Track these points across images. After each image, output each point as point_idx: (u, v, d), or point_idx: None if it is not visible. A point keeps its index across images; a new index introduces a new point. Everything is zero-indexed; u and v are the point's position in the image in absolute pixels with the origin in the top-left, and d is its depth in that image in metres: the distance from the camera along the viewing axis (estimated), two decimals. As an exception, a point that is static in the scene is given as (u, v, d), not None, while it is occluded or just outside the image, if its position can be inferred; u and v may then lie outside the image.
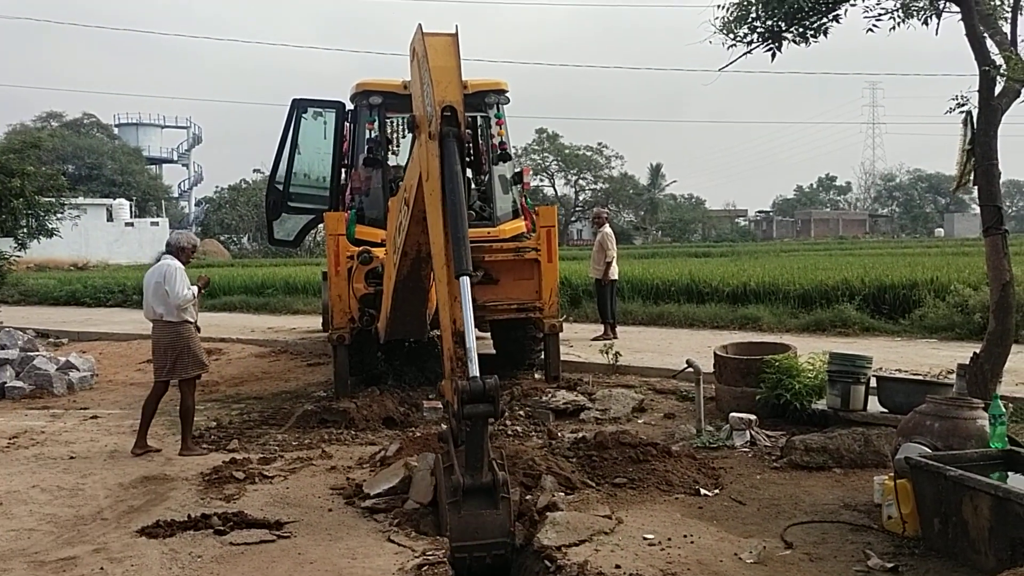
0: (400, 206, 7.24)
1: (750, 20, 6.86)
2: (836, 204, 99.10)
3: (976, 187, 6.49)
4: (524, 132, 72.94)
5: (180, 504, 6.01)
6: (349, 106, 10.87)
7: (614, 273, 13.54)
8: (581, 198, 72.10)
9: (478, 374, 4.89)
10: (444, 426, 5.76)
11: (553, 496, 5.56)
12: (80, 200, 46.64)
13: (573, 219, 71.33)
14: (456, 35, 5.96)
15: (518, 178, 10.98)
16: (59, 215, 26.25)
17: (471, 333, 5.12)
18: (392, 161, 10.99)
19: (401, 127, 11.41)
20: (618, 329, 13.55)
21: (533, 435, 8.02)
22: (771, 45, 6.88)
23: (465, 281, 5.26)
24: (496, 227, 10.31)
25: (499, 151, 10.41)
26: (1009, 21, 6.42)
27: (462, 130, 5.73)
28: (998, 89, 6.24)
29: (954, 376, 6.91)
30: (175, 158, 79.91)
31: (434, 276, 6.02)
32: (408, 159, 7.56)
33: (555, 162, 71.38)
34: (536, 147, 70.00)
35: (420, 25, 6.04)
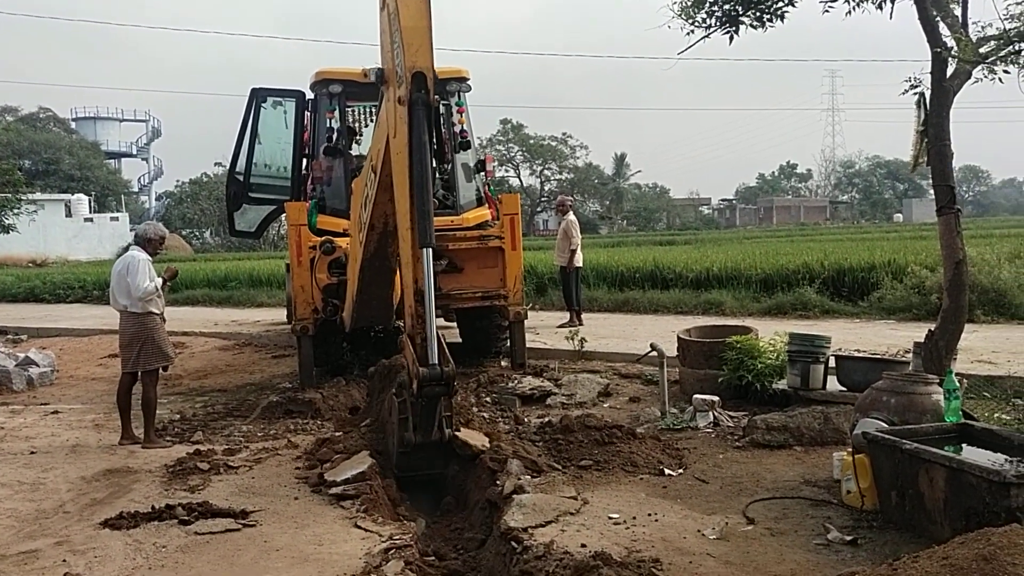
0: (367, 176, 7.28)
1: (708, 4, 6.92)
2: (797, 191, 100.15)
3: (930, 168, 6.61)
4: (488, 122, 72.94)
5: (144, 496, 5.96)
6: (309, 95, 10.79)
7: (579, 260, 13.59)
8: (546, 188, 72.17)
9: (437, 361, 5.56)
10: (404, 376, 6.01)
11: (519, 479, 5.59)
12: (37, 196, 45.86)
13: (539, 209, 71.40)
14: None
15: (481, 166, 10.97)
16: (16, 211, 25.80)
17: (431, 302, 5.67)
18: (354, 151, 10.94)
19: (363, 116, 11.36)
20: (584, 316, 13.62)
21: (500, 421, 8.05)
22: (729, 29, 6.94)
23: (428, 252, 5.72)
24: (459, 215, 10.30)
25: (461, 139, 10.40)
26: (960, 4, 6.53)
27: (431, 96, 5.82)
28: (950, 71, 6.36)
29: (910, 354, 7.06)
30: (134, 152, 78.79)
31: (398, 233, 6.26)
32: (374, 130, 7.50)
33: (520, 153, 71.36)
34: (501, 138, 69.97)
35: None
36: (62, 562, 4.78)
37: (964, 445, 5.13)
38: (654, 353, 7.95)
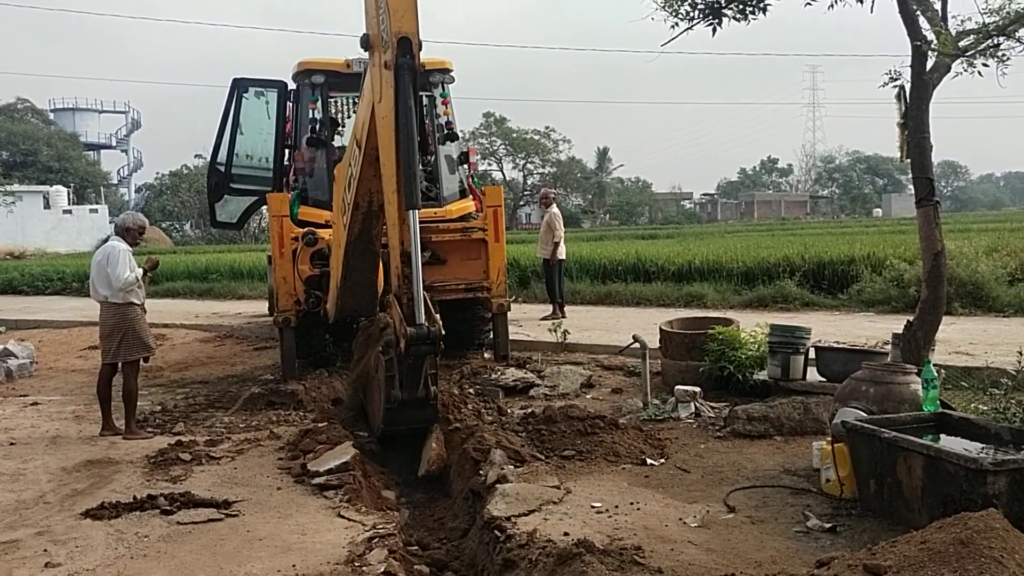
0: (351, 154, 7.34)
1: (690, -4, 6.94)
2: (778, 186, 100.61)
3: (909, 161, 6.66)
4: (471, 116, 72.74)
5: (125, 486, 5.93)
6: (292, 86, 10.73)
7: (562, 253, 13.61)
8: (529, 182, 72.15)
9: (424, 321, 5.82)
10: (391, 335, 6.23)
11: (503, 469, 5.61)
12: (15, 187, 45.46)
13: (522, 203, 71.39)
14: None
15: (464, 158, 10.97)
16: (-7, 202, 25.39)
17: (418, 263, 5.90)
18: (336, 142, 10.89)
19: (345, 107, 11.31)
20: (566, 308, 13.65)
21: (483, 412, 8.05)
22: (712, 21, 6.96)
23: (414, 213, 5.93)
24: (443, 207, 10.29)
25: (445, 131, 10.39)
26: (940, -2, 6.58)
27: (417, 61, 5.99)
28: (930, 64, 6.41)
29: (889, 346, 7.13)
30: (114, 144, 78.00)
31: (384, 197, 6.43)
32: (359, 105, 7.55)
33: (503, 146, 71.26)
34: (484, 131, 69.84)
35: None
36: (43, 552, 4.75)
37: (942, 434, 5.20)
38: (636, 345, 7.98)
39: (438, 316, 6.11)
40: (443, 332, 6.00)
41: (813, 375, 7.45)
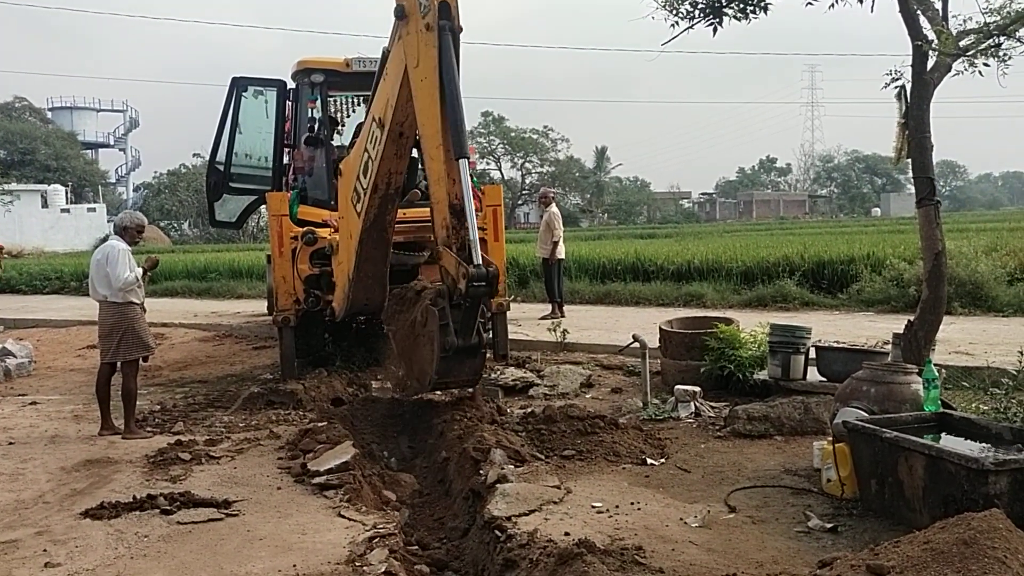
0: (368, 136, 7.58)
1: (692, -5, 6.93)
2: (777, 186, 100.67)
3: (910, 160, 6.66)
4: (470, 114, 72.53)
5: (125, 486, 5.92)
6: (291, 85, 10.71)
7: (561, 252, 13.61)
8: (527, 181, 72.14)
9: (481, 261, 6.08)
10: (441, 286, 6.54)
11: (503, 469, 5.60)
12: (13, 186, 45.40)
13: (520, 202, 71.37)
14: None
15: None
16: (-9, 201, 25.38)
17: (471, 211, 6.23)
18: (336, 141, 10.88)
19: (344, 106, 11.30)
20: (566, 308, 13.64)
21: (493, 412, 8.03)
22: (712, 21, 6.95)
23: (464, 163, 6.28)
24: (442, 206, 10.25)
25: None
26: (940, -3, 6.58)
27: (456, 23, 6.47)
28: (930, 64, 6.40)
29: (890, 345, 7.13)
30: (111, 143, 77.95)
31: (425, 157, 6.79)
32: (374, 90, 7.74)
33: (501, 145, 71.25)
34: (482, 130, 69.78)
35: None
36: (42, 552, 4.74)
37: (943, 434, 5.20)
38: (636, 344, 7.97)
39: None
40: (497, 274, 6.32)
41: (813, 375, 7.44)
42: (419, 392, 7.08)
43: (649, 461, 6.08)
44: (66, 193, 56.64)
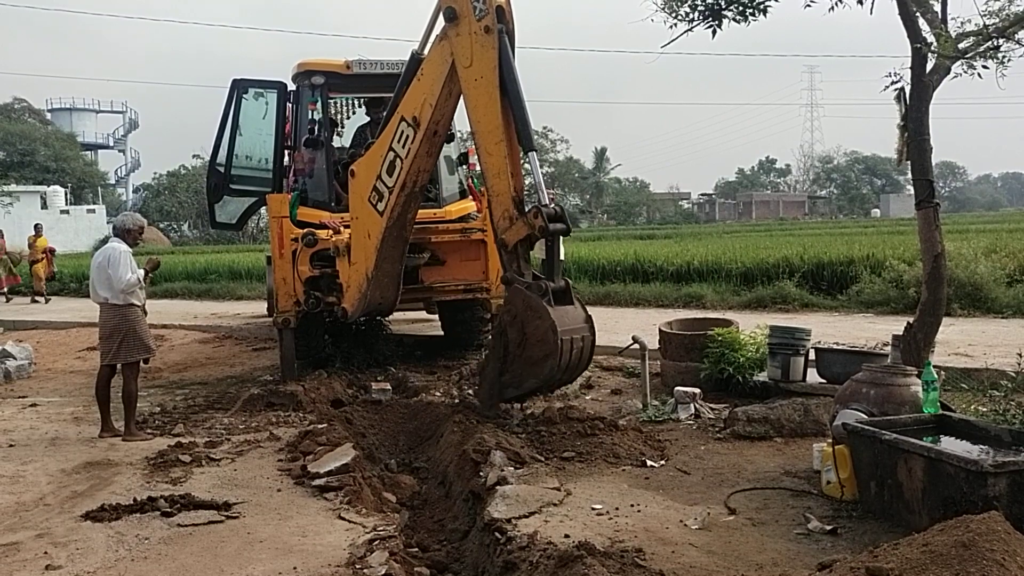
0: (396, 134, 7.88)
1: (691, -2, 6.94)
2: (776, 186, 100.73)
3: (910, 162, 6.66)
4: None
5: (125, 488, 5.92)
6: (291, 87, 10.72)
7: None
8: (528, 182, 71.99)
9: (548, 201, 6.81)
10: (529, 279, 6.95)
11: (502, 471, 5.61)
12: (12, 187, 45.34)
13: (519, 203, 71.28)
14: None
15: (463, 159, 10.96)
16: (-10, 202, 25.39)
17: (545, 193, 6.89)
18: (335, 143, 10.89)
19: (345, 108, 11.31)
20: (565, 309, 13.61)
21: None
22: (711, 23, 6.96)
23: (533, 155, 7.01)
24: (442, 208, 10.30)
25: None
26: (939, 0, 6.59)
27: (510, 26, 7.01)
28: (929, 66, 6.41)
29: (889, 347, 7.14)
30: (111, 144, 77.95)
31: (481, 152, 7.20)
32: (403, 83, 7.97)
33: (501, 146, 71.14)
34: (482, 131, 69.72)
35: None
36: (43, 554, 4.74)
37: (942, 436, 5.20)
38: (636, 346, 7.98)
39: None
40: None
41: (813, 376, 7.45)
42: (548, 379, 6.85)
43: (649, 463, 6.08)
44: (65, 194, 56.60)
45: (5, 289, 21.11)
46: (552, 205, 6.83)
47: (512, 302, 6.97)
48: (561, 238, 7.10)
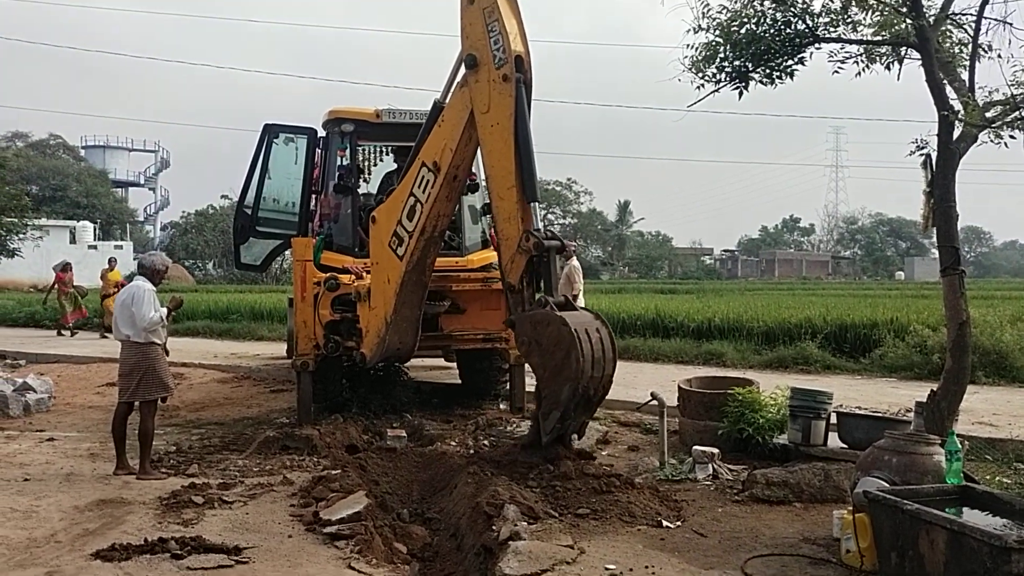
0: (417, 179, 8.03)
1: (718, 60, 7.01)
2: (800, 245, 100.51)
3: (935, 229, 6.64)
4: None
5: (137, 528, 5.90)
6: (321, 133, 10.88)
7: (581, 305, 13.55)
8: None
9: (540, 227, 7.01)
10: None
11: (515, 526, 5.54)
12: (43, 221, 46.04)
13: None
14: None
15: (487, 209, 11.02)
16: (21, 236, 25.87)
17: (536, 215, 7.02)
18: (362, 189, 11.00)
19: (372, 155, 11.45)
20: (584, 362, 13.53)
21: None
22: (738, 85, 7.02)
23: (535, 206, 7.06)
24: (464, 257, 10.35)
25: (469, 181, 10.46)
26: (967, 68, 6.62)
27: (528, 76, 7.12)
28: (956, 133, 6.41)
29: (912, 414, 7.03)
30: (142, 182, 79.16)
31: (493, 197, 7.36)
32: (425, 131, 8.15)
33: (524, 196, 71.57)
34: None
35: None
36: (51, 593, 4.73)
37: (965, 508, 5.09)
38: (654, 402, 7.91)
39: None
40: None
41: (834, 441, 7.33)
42: (579, 377, 6.65)
43: (665, 523, 5.99)
44: (94, 230, 57.37)
45: (71, 324, 20.80)
46: (544, 230, 7.03)
47: (521, 331, 6.99)
48: (582, 294, 7.15)
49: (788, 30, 6.88)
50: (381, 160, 11.66)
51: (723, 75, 7.02)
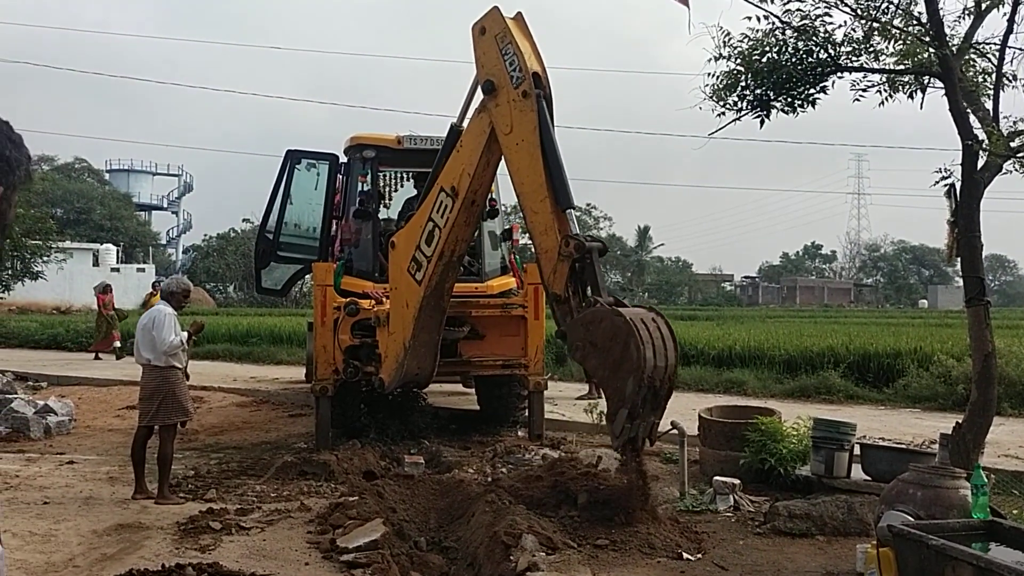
0: (435, 204, 8.02)
1: (740, 88, 7.00)
2: (821, 272, 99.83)
3: (960, 258, 6.57)
4: (512, 191, 73.49)
5: (154, 553, 5.89)
6: (342, 159, 10.96)
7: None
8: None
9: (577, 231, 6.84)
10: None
11: (533, 556, 5.48)
12: (67, 244, 46.50)
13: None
14: (523, 18, 7.41)
15: (507, 235, 11.05)
16: (45, 258, 26.03)
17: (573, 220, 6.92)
18: (383, 214, 11.06)
19: (393, 181, 11.52)
20: (603, 389, 13.48)
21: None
22: (760, 113, 7.01)
23: (571, 212, 6.96)
24: (484, 283, 10.36)
25: (488, 207, 10.48)
26: (991, 97, 6.58)
27: (547, 91, 7.16)
28: (980, 163, 6.36)
29: (937, 446, 6.92)
30: (165, 205, 79.96)
31: (527, 212, 7.23)
32: (443, 156, 8.15)
33: (544, 222, 71.65)
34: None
35: (497, 7, 7.32)
36: (68, 618, 4.71)
37: (992, 543, 4.99)
38: (674, 431, 7.85)
39: None
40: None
41: (858, 473, 7.22)
42: (641, 366, 6.23)
43: (685, 556, 5.91)
44: (117, 252, 57.97)
45: (116, 345, 20.13)
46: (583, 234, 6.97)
47: (574, 337, 6.61)
48: None
49: (810, 59, 6.87)
50: (401, 186, 11.74)
51: (744, 103, 7.01)
